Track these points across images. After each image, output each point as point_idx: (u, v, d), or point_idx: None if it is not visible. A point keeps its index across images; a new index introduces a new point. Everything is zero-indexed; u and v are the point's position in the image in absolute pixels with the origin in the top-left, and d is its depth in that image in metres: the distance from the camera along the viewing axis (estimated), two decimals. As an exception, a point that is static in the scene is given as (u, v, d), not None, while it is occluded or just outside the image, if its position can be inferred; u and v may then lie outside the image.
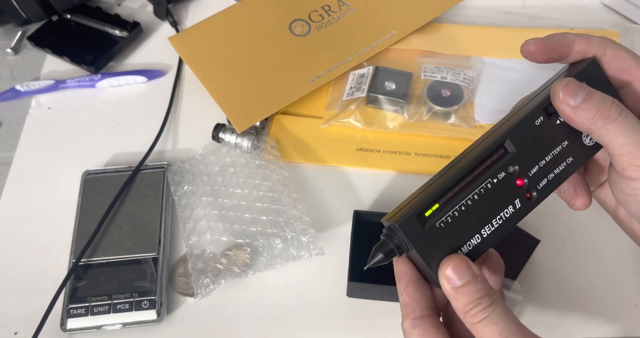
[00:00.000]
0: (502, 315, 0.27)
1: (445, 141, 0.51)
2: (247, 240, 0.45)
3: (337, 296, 0.44)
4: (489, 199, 0.29)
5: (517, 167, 0.30)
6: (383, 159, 0.51)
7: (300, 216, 0.46)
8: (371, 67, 0.54)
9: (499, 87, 0.53)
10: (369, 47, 0.55)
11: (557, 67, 0.34)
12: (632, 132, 0.27)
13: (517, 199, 0.30)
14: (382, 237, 0.30)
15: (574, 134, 0.31)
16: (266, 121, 0.53)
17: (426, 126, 0.51)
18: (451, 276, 0.27)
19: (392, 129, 0.51)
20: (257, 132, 0.52)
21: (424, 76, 0.53)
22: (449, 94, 0.52)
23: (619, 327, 0.42)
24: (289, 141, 0.52)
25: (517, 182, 0.30)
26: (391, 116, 0.52)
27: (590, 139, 0.31)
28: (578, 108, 0.28)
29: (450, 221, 0.29)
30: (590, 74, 0.31)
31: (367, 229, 0.45)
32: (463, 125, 0.51)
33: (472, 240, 0.29)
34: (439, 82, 0.52)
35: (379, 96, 0.52)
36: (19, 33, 0.61)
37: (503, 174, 0.29)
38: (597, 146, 0.31)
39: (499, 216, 0.29)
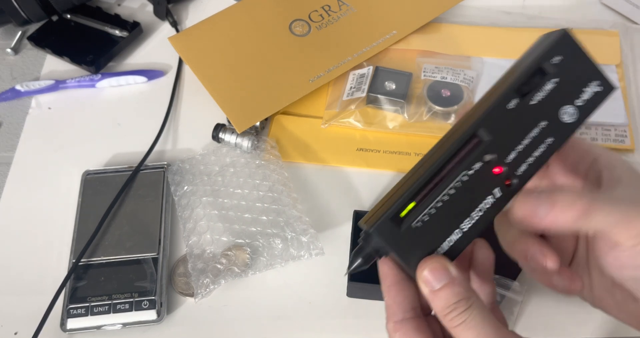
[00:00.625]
0: (479, 320, 0.26)
1: (445, 141, 0.51)
2: (247, 240, 0.45)
3: (337, 296, 0.44)
4: (466, 192, 0.28)
5: (494, 155, 0.28)
6: (383, 159, 0.51)
7: (300, 216, 0.46)
8: (371, 67, 0.54)
9: (499, 87, 0.53)
10: (369, 47, 0.55)
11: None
12: (614, 209, 0.26)
13: (497, 188, 0.28)
14: (359, 241, 0.29)
15: (553, 113, 0.29)
16: (266, 121, 0.53)
17: (426, 126, 0.51)
18: (428, 279, 0.27)
19: (392, 129, 0.51)
20: (257, 132, 0.52)
21: (424, 76, 0.53)
22: (449, 94, 0.52)
23: (618, 326, 0.42)
24: (289, 141, 0.52)
25: (495, 170, 0.28)
26: (391, 116, 0.52)
27: (570, 115, 0.29)
28: (551, 216, 0.27)
29: (427, 219, 0.28)
30: (562, 47, 0.29)
31: (367, 229, 0.44)
32: (463, 125, 0.51)
33: (452, 236, 0.28)
34: (439, 82, 0.52)
35: (379, 96, 0.52)
36: (19, 33, 0.61)
37: (479, 164, 0.28)
38: (577, 123, 0.30)
39: (478, 208, 0.28)
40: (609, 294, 0.32)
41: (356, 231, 0.44)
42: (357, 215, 0.45)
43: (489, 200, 0.28)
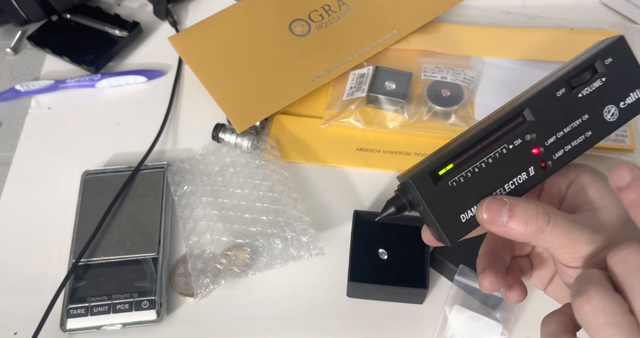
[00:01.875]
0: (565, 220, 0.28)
1: (445, 141, 0.50)
2: (247, 240, 0.45)
3: (337, 296, 0.44)
4: (503, 164, 0.30)
5: (534, 135, 0.30)
6: (383, 159, 0.51)
7: (300, 216, 0.46)
8: (371, 67, 0.54)
9: (499, 87, 0.53)
10: (369, 47, 0.55)
11: (555, 67, 0.34)
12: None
13: (532, 167, 0.30)
14: (395, 192, 0.31)
15: (596, 109, 0.31)
16: (266, 121, 0.53)
17: (426, 126, 0.51)
18: (492, 215, 0.28)
19: (392, 129, 0.51)
20: (257, 132, 0.52)
21: (424, 75, 0.53)
22: (449, 94, 0.52)
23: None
24: (289, 141, 0.52)
25: (533, 150, 0.30)
26: (391, 116, 0.52)
27: (612, 115, 0.31)
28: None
29: (462, 181, 0.29)
30: (616, 50, 0.30)
31: (367, 229, 0.45)
32: (463, 125, 0.51)
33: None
34: (439, 82, 0.52)
35: (379, 95, 0.52)
36: (19, 33, 0.61)
37: (519, 141, 0.30)
38: (618, 123, 0.31)
39: (511, 181, 0.30)
40: None
41: (356, 232, 0.44)
42: (357, 215, 0.45)
43: (523, 176, 0.30)
